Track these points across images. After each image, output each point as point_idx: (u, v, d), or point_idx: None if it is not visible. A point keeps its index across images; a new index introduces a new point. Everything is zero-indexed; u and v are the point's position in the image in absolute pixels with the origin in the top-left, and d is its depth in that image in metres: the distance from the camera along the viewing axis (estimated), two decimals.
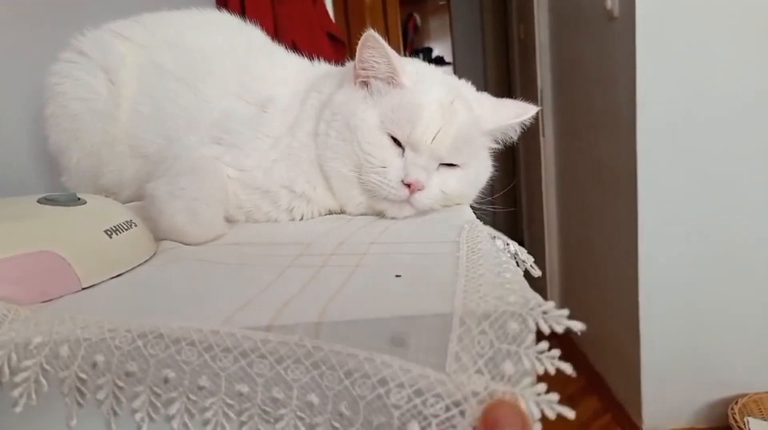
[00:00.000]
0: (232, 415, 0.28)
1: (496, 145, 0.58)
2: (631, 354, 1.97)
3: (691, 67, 1.72)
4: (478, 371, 0.26)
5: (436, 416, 0.26)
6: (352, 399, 0.27)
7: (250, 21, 1.57)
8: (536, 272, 0.40)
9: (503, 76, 3.92)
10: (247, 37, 0.66)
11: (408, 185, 0.49)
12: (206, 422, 0.28)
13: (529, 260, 0.39)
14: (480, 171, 0.57)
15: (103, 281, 0.37)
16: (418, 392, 0.26)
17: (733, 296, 1.86)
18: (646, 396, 1.94)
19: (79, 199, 0.40)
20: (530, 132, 2.63)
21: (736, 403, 1.83)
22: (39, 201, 0.39)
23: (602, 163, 2.15)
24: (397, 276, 0.31)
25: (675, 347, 1.91)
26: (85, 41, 0.63)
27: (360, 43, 0.50)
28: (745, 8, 1.68)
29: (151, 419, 0.28)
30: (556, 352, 0.27)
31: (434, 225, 0.42)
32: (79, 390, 0.28)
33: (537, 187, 2.91)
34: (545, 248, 2.86)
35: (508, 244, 0.38)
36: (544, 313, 0.26)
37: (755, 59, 1.70)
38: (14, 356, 0.28)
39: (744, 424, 1.78)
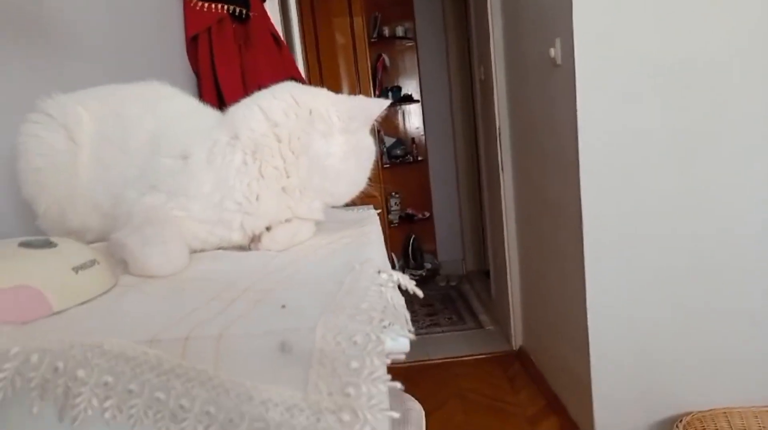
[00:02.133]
0: (150, 414, 0.39)
1: None
2: (583, 377, 2.08)
3: (625, 110, 1.89)
4: (330, 394, 0.38)
5: (300, 425, 0.38)
6: (240, 413, 0.38)
7: (220, 69, 1.68)
8: (420, 293, 0.50)
9: (469, 114, 4.11)
10: (174, 103, 0.76)
11: None
12: (130, 417, 0.39)
13: (410, 284, 0.49)
14: None
15: (70, 308, 0.47)
16: (288, 409, 0.38)
17: (675, 321, 2.00)
18: (598, 417, 2.04)
19: (51, 242, 0.51)
20: (492, 166, 2.79)
21: (681, 421, 1.94)
22: (19, 245, 0.49)
23: (551, 198, 2.29)
24: (282, 307, 0.42)
25: (623, 371, 2.03)
26: (51, 104, 0.73)
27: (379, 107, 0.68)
28: (668, 58, 1.86)
29: (90, 410, 0.39)
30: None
31: (336, 265, 0.53)
32: (42, 387, 0.39)
33: (499, 220, 3.05)
34: (507, 276, 2.99)
35: (392, 275, 0.49)
36: (379, 346, 0.38)
37: (679, 104, 1.88)
38: None
39: None
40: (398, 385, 0.39)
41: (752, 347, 2.00)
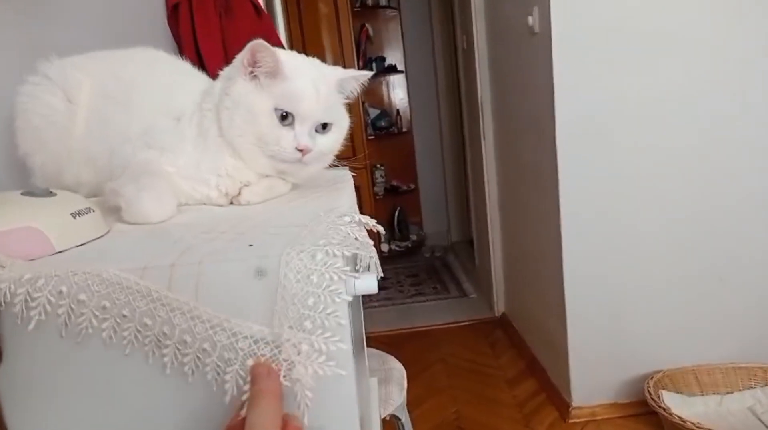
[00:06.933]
0: (140, 338, 0.45)
1: (345, 99, 0.75)
2: (560, 340, 2.17)
3: (600, 77, 1.94)
4: (290, 327, 0.44)
5: (264, 355, 0.44)
6: (213, 342, 0.44)
7: (201, 38, 1.69)
8: (381, 229, 0.56)
9: (453, 83, 4.13)
10: (170, 67, 0.81)
11: (300, 150, 0.67)
12: (123, 339, 0.45)
13: (371, 222, 0.55)
14: (343, 125, 0.75)
15: (70, 248, 0.52)
16: (255, 340, 0.44)
17: (646, 285, 2.08)
18: (574, 377, 2.14)
19: (51, 192, 0.55)
20: (474, 135, 2.84)
21: (651, 378, 2.04)
22: (22, 193, 0.54)
23: (529, 164, 2.35)
24: (250, 245, 0.48)
25: (597, 333, 2.12)
26: (50, 67, 0.77)
27: (250, 49, 0.66)
28: (642, 26, 1.91)
29: (90, 331, 0.44)
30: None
31: (305, 213, 0.59)
32: (45, 308, 0.44)
33: (481, 190, 3.10)
34: (490, 245, 3.06)
35: (354, 216, 0.54)
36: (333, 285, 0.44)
37: (653, 70, 1.93)
38: (12, 286, 0.43)
39: (658, 397, 1.98)
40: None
41: (720, 308, 2.09)
